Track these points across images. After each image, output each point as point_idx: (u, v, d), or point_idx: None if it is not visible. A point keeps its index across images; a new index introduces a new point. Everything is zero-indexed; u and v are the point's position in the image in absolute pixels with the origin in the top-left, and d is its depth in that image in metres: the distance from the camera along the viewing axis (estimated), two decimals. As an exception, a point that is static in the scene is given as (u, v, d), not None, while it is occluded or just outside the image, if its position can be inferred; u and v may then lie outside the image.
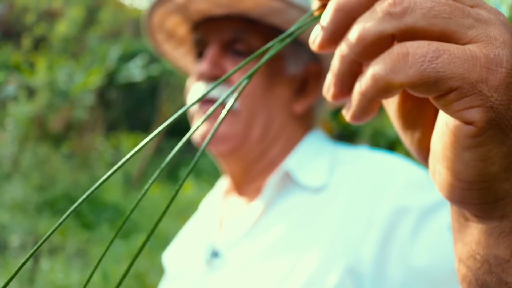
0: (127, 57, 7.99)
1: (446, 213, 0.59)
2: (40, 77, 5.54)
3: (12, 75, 5.89)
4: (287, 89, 0.77)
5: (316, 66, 0.79)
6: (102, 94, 7.38)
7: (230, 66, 0.74)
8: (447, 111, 0.25)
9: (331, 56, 0.87)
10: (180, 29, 0.86)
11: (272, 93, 0.76)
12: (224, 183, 0.85)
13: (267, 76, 0.75)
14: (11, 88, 5.74)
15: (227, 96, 0.31)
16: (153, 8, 0.80)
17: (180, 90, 6.75)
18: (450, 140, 0.26)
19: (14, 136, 4.84)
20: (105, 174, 0.25)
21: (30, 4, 9.91)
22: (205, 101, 0.74)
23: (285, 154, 0.76)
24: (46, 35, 9.15)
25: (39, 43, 7.89)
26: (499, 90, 0.24)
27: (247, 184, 0.78)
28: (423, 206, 0.60)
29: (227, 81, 0.72)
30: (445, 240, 0.56)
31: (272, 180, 0.71)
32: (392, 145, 3.93)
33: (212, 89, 0.32)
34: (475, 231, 0.28)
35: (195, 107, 0.76)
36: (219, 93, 0.71)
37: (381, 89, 0.26)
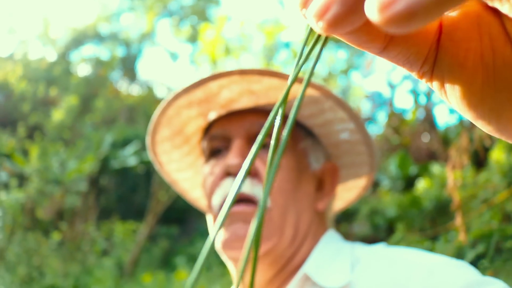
0: (120, 144, 8.06)
1: None
2: (32, 164, 5.52)
3: (5, 162, 5.86)
4: (312, 185, 0.75)
5: (331, 164, 0.78)
6: (95, 181, 7.34)
7: (258, 160, 0.70)
8: None
9: (343, 155, 0.79)
10: (191, 125, 0.82)
11: (301, 188, 0.72)
12: None
13: (295, 170, 0.72)
14: (3, 174, 5.69)
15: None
16: (177, 95, 0.76)
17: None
18: None
19: (2, 225, 4.72)
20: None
21: (28, 93, 10.16)
22: (236, 200, 0.69)
23: (308, 256, 0.71)
24: (41, 123, 9.29)
25: (34, 131, 7.97)
26: None
27: None
28: None
29: (256, 176, 0.70)
30: None
31: (291, 287, 0.66)
32: (391, 224, 3.86)
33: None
34: None
35: (217, 208, 0.71)
36: (250, 190, 0.68)
37: None
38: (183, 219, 9.07)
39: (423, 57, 0.27)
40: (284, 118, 0.24)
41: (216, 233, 0.21)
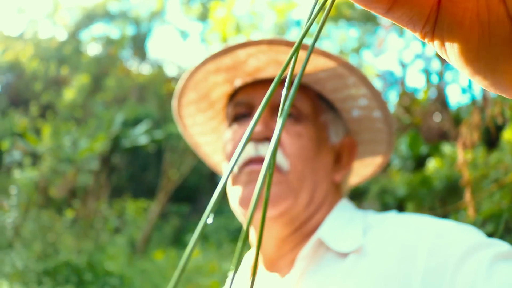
0: (131, 122, 8.10)
1: (484, 253, 0.55)
2: (45, 143, 5.58)
3: (18, 141, 5.93)
4: (330, 157, 0.78)
5: (350, 139, 0.81)
6: (106, 159, 7.40)
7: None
8: None
9: (363, 131, 0.81)
10: (217, 91, 0.85)
11: (320, 159, 0.75)
12: (250, 256, 0.81)
13: (315, 141, 0.74)
14: (16, 153, 5.77)
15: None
16: (206, 61, 0.78)
17: (185, 154, 6.76)
18: None
19: (17, 203, 4.80)
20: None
21: (39, 72, 10.20)
22: (253, 160, 0.72)
23: (322, 222, 0.74)
24: (53, 102, 9.35)
25: (46, 110, 8.03)
26: None
27: (281, 257, 0.74)
28: (458, 253, 0.56)
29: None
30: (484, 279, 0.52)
31: (305, 251, 0.68)
32: (401, 203, 3.86)
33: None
34: None
35: (236, 169, 0.74)
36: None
37: None
38: (194, 197, 9.15)
39: (425, 18, 0.29)
40: (298, 86, 0.26)
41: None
